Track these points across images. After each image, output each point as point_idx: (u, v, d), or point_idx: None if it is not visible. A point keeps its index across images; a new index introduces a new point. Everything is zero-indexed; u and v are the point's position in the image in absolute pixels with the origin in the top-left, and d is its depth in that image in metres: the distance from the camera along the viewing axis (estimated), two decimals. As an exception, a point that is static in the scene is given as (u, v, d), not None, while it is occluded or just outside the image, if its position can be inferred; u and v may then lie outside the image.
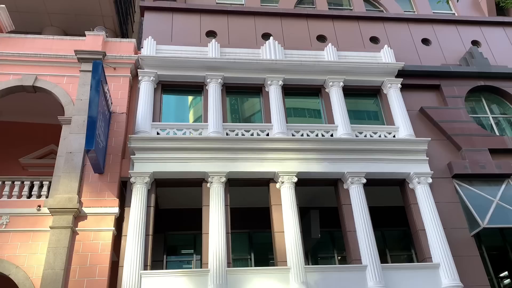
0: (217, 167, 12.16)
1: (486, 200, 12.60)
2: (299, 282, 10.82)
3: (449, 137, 13.82)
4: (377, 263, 11.29)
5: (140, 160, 12.03)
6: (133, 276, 10.41)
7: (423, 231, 12.08)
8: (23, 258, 10.41)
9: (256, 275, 11.08)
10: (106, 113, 12.09)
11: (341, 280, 10.85)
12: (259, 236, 14.62)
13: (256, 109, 14.42)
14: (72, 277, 10.31)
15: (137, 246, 10.78)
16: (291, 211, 11.83)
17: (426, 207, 12.23)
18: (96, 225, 11.00)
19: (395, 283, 11.16)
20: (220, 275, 10.69)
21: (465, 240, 12.12)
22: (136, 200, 11.43)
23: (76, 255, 10.59)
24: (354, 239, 11.81)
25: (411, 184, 12.84)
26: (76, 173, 11.51)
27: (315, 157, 12.67)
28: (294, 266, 11.06)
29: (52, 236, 10.58)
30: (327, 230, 14.59)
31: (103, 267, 10.52)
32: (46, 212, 10.88)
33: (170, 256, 14.45)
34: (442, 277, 11.32)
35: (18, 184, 11.55)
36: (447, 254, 11.53)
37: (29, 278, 10.18)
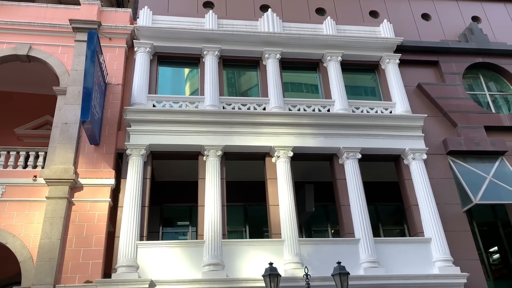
0: (213, 141, 12.17)
1: (479, 177, 12.73)
2: (292, 254, 11.00)
3: (445, 114, 13.85)
4: (370, 237, 11.47)
5: (136, 132, 12.00)
6: (129, 246, 10.55)
7: (416, 206, 12.24)
8: (19, 227, 10.49)
9: (250, 246, 11.25)
10: (101, 84, 11.97)
11: (334, 253, 11.02)
12: (254, 209, 14.76)
13: (253, 83, 14.33)
14: (69, 246, 10.44)
15: (133, 217, 10.88)
16: (286, 185, 11.92)
17: (420, 183, 12.36)
18: (92, 196, 11.06)
19: (387, 257, 11.37)
20: (215, 246, 10.84)
21: (457, 215, 12.31)
22: (132, 172, 11.46)
23: (73, 225, 10.68)
24: (347, 213, 11.97)
25: (406, 160, 12.92)
26: (71, 144, 11.48)
27: (311, 132, 12.68)
28: (288, 238, 11.22)
29: (48, 206, 10.65)
30: (321, 204, 14.74)
31: (100, 237, 10.64)
32: (42, 183, 10.91)
33: (166, 227, 14.60)
34: (433, 251, 11.55)
35: (13, 154, 11.53)
36: (439, 229, 11.72)
37: (26, 247, 10.28)
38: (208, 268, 10.56)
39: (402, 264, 11.27)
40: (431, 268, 11.31)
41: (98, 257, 10.41)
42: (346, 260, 10.44)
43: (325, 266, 10.51)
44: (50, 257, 10.09)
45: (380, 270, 10.99)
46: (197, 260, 10.77)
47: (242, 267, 10.84)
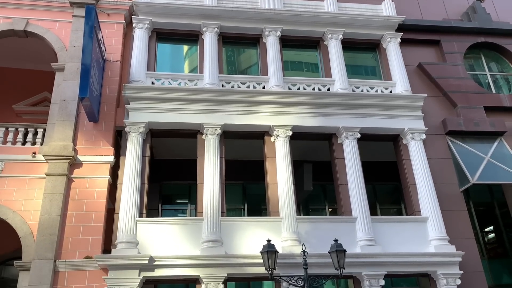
0: (212, 119, 12.14)
1: (478, 157, 12.78)
2: (290, 232, 11.12)
3: (445, 94, 13.80)
4: (367, 216, 11.58)
5: (135, 109, 11.95)
6: (129, 223, 10.64)
7: (414, 186, 12.32)
8: (19, 203, 10.56)
9: (249, 224, 11.36)
10: (100, 61, 11.87)
11: (331, 231, 11.14)
12: (252, 187, 14.86)
13: (252, 62, 14.20)
14: (69, 222, 10.53)
15: (133, 194, 10.95)
16: (284, 164, 11.96)
17: (418, 163, 12.41)
18: (91, 173, 11.10)
19: (383, 235, 11.50)
20: (214, 223, 10.95)
21: (454, 195, 12.40)
22: (131, 149, 11.47)
23: (72, 201, 10.75)
24: (345, 192, 12.05)
25: (404, 140, 12.94)
26: (70, 121, 11.46)
27: (311, 111, 12.65)
28: (286, 216, 11.33)
29: (48, 183, 10.69)
30: (319, 183, 14.83)
31: (99, 213, 10.73)
32: (41, 159, 10.93)
33: (165, 205, 14.72)
34: (430, 230, 11.68)
35: (12, 130, 11.51)
36: (436, 209, 11.83)
37: (26, 222, 10.37)
38: (207, 245, 10.69)
39: (399, 243, 11.41)
40: (427, 247, 11.46)
41: (97, 233, 10.52)
42: (343, 238, 10.56)
43: (322, 243, 10.65)
44: (50, 233, 10.19)
45: (376, 248, 11.14)
46: (196, 237, 10.89)
47: (241, 244, 10.97)
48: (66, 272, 10.03)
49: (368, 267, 10.90)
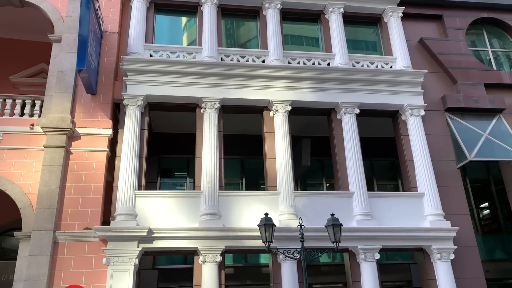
0: (211, 93, 12.06)
1: (476, 134, 12.80)
2: (287, 206, 11.23)
3: (445, 70, 13.70)
4: (364, 191, 11.68)
5: (133, 82, 11.86)
6: (128, 195, 10.71)
7: (411, 162, 12.38)
8: (18, 175, 10.59)
9: (247, 198, 11.46)
10: (97, 32, 11.70)
11: (328, 205, 11.25)
12: (251, 162, 14.92)
13: (252, 35, 14.01)
14: (68, 194, 10.60)
15: (131, 167, 10.98)
16: (283, 139, 11.96)
17: (417, 139, 12.43)
18: (89, 146, 11.10)
19: (380, 210, 11.62)
20: (212, 197, 11.03)
21: (451, 171, 12.48)
22: (130, 122, 11.44)
23: (71, 173, 10.79)
24: (343, 168, 12.10)
25: (403, 116, 12.92)
26: (68, 93, 11.38)
27: (310, 86, 12.57)
28: (283, 190, 11.41)
29: (46, 155, 10.70)
30: (317, 158, 14.89)
31: (98, 185, 10.78)
32: (39, 131, 10.90)
33: (163, 178, 14.80)
34: (426, 205, 11.80)
35: (9, 102, 11.44)
36: (432, 185, 11.92)
37: (25, 194, 10.43)
38: (205, 218, 10.80)
39: (395, 217, 11.55)
40: (422, 222, 11.61)
41: (96, 205, 10.60)
42: (339, 212, 10.67)
43: (319, 218, 10.77)
44: (50, 204, 10.26)
45: (372, 223, 11.28)
46: (194, 210, 10.98)
47: (238, 217, 11.09)
48: (66, 242, 10.16)
49: (363, 241, 11.06)
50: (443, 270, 11.10)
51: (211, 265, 10.42)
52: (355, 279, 11.09)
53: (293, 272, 10.61)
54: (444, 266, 11.13)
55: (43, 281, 9.62)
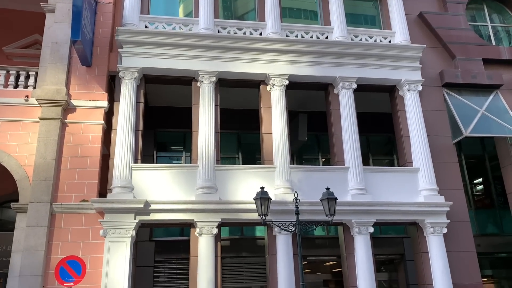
0: (208, 66, 11.94)
1: (472, 110, 12.81)
2: (283, 180, 11.30)
3: (444, 45, 13.59)
4: (359, 166, 11.74)
5: (128, 54, 11.70)
6: (124, 168, 10.73)
7: (407, 137, 12.42)
8: (14, 147, 10.56)
9: (243, 172, 11.51)
10: (91, 2, 11.46)
11: (323, 180, 11.32)
12: (247, 137, 14.91)
13: (250, 7, 13.77)
14: (64, 167, 10.60)
15: (127, 140, 10.96)
16: (280, 113, 11.93)
17: (413, 114, 12.44)
18: (85, 118, 11.04)
19: (375, 185, 11.72)
20: (209, 170, 11.07)
21: (446, 147, 12.54)
22: (125, 95, 11.35)
23: (67, 146, 10.77)
24: (339, 142, 12.13)
25: (401, 91, 12.88)
26: (63, 64, 11.24)
27: (308, 60, 12.45)
28: (279, 165, 11.46)
29: (41, 127, 10.65)
30: (313, 133, 14.89)
31: (94, 158, 10.79)
32: (34, 103, 10.82)
33: (160, 152, 14.79)
34: (420, 180, 11.90)
35: (3, 73, 11.29)
36: (428, 160, 11.99)
37: (22, 166, 10.43)
38: (202, 191, 10.87)
39: (389, 192, 11.66)
40: (416, 197, 11.73)
41: (93, 178, 10.63)
42: (335, 187, 10.74)
43: (314, 192, 10.83)
44: (46, 176, 10.28)
45: (367, 197, 11.39)
46: (191, 184, 11.04)
47: (235, 191, 11.16)
48: (63, 214, 10.23)
49: (358, 215, 11.20)
50: (436, 243, 11.29)
51: (207, 237, 10.55)
52: (348, 252, 11.28)
53: (288, 245, 10.77)
54: (436, 240, 11.32)
55: (40, 252, 9.73)
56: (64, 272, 8.36)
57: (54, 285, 9.36)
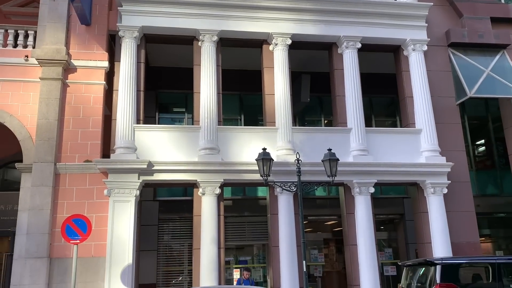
0: (209, 25, 11.70)
1: (478, 70, 12.62)
2: (285, 141, 11.32)
3: (452, 3, 13.23)
4: (362, 127, 11.71)
5: (128, 12, 11.45)
6: (127, 129, 10.75)
7: (411, 98, 12.32)
8: (15, 107, 10.55)
9: (245, 133, 11.52)
10: (89, -42, 11.12)
11: (326, 141, 11.33)
12: (249, 98, 14.82)
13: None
14: (66, 127, 10.63)
15: (129, 101, 10.91)
16: (282, 74, 11.79)
17: (417, 75, 12.28)
18: (86, 78, 10.96)
19: (377, 146, 11.73)
20: (211, 131, 11.08)
21: (450, 108, 12.47)
22: (126, 54, 11.20)
23: (69, 106, 10.76)
24: (342, 104, 12.06)
25: (405, 51, 12.66)
26: (62, 23, 11.04)
27: (312, 19, 12.18)
28: (282, 126, 11.44)
29: (43, 87, 10.60)
30: (316, 95, 14.76)
31: (96, 119, 10.79)
32: (34, 63, 10.71)
33: (162, 113, 14.77)
34: (422, 141, 11.91)
35: (1, 32, 11.11)
36: (430, 121, 11.95)
37: (24, 126, 10.46)
38: (204, 152, 10.92)
39: (391, 153, 11.69)
40: (418, 157, 11.77)
41: (96, 138, 10.68)
42: (337, 148, 10.75)
43: (316, 153, 10.85)
44: (49, 137, 10.33)
45: (368, 158, 11.44)
46: (193, 145, 11.08)
47: (237, 152, 11.22)
48: (67, 174, 10.35)
49: (359, 176, 11.29)
50: (436, 203, 11.43)
51: (210, 197, 10.70)
52: (349, 211, 11.45)
53: (289, 204, 10.93)
54: (436, 200, 11.45)
55: (46, 211, 9.92)
56: (70, 230, 8.53)
57: (61, 242, 9.62)
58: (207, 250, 10.34)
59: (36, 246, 9.69)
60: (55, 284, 9.68)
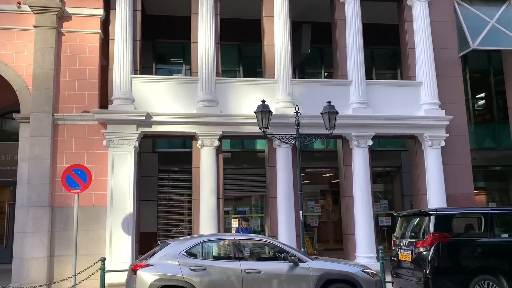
0: (206, -30, 11.27)
1: (482, 21, 12.31)
2: (285, 94, 11.23)
3: None
4: (362, 79, 11.58)
5: (123, -43, 10.98)
6: (124, 79, 10.61)
7: (413, 50, 12.11)
8: (10, 56, 10.35)
9: (244, 85, 11.40)
10: None
11: (325, 93, 11.24)
12: (248, 49, 14.56)
13: None
14: (63, 77, 10.49)
15: (126, 50, 10.69)
16: (283, 23, 11.49)
17: (420, 26, 11.99)
18: (81, 27, 10.70)
19: (377, 98, 11.66)
20: (209, 83, 10.95)
21: (451, 60, 12.29)
22: (121, 1, 10.84)
23: (64, 56, 10.56)
24: (343, 55, 11.86)
25: (409, 1, 12.29)
26: (53, -32, 10.62)
27: (313, -35, 11.74)
28: (281, 78, 11.31)
29: (37, 36, 10.35)
30: (317, 46, 14.49)
31: (93, 69, 10.64)
32: (27, 10, 10.39)
33: (159, 64, 14.54)
34: (422, 94, 11.83)
35: (-9, -23, 10.72)
36: (431, 73, 11.81)
37: (20, 76, 10.31)
38: (202, 104, 10.85)
39: (391, 106, 11.64)
40: (417, 110, 11.74)
41: (93, 89, 10.58)
42: (336, 100, 10.68)
43: (316, 106, 10.80)
44: (46, 87, 10.21)
45: (368, 111, 11.40)
46: (192, 96, 10.99)
47: (236, 104, 11.15)
48: (65, 125, 10.34)
49: (357, 128, 11.30)
50: (433, 156, 11.53)
51: (209, 149, 10.75)
52: (346, 163, 11.56)
53: (287, 157, 11.01)
54: (434, 153, 11.54)
55: (46, 161, 9.98)
56: (71, 179, 8.63)
57: (62, 192, 9.74)
58: (207, 200, 10.53)
59: (38, 195, 9.84)
60: (58, 232, 9.93)
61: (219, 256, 7.81)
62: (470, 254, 7.19)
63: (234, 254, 6.74)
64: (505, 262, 7.16)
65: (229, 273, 6.41)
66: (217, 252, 7.95)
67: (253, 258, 7.26)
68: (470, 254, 7.19)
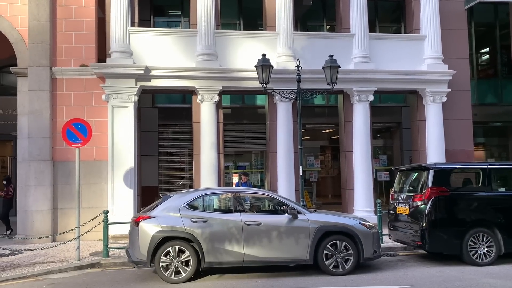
0: None
1: (492, -29, 11.92)
2: (286, 47, 11.02)
3: None
4: (365, 33, 11.34)
5: None
6: (121, 32, 10.37)
7: (417, 2, 11.84)
8: (4, 7, 10.08)
9: (244, 38, 11.18)
10: None
11: (327, 47, 11.03)
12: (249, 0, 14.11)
13: None
14: (59, 30, 10.28)
15: (123, 1, 10.37)
16: (284, -27, 11.10)
17: (427, -24, 11.60)
18: (76, -24, 10.37)
19: (379, 52, 11.46)
20: (209, 36, 10.72)
21: (457, 13, 11.98)
22: (117, -50, 10.43)
23: (60, 7, 10.29)
24: (346, 7, 11.56)
25: (417, -50, 11.84)
26: None
27: None
28: (282, 31, 11.06)
29: (30, -14, 10.04)
30: (319, -3, 14.07)
31: (90, 21, 10.40)
32: (18, -42, 10.03)
33: (157, 17, 14.15)
34: (426, 49, 11.62)
35: None
36: (436, 27, 11.54)
37: (15, 28, 10.09)
38: (202, 58, 10.68)
39: (393, 60, 11.47)
40: (420, 65, 11.57)
41: (90, 42, 10.39)
42: (338, 54, 10.49)
43: (317, 60, 10.64)
44: (42, 40, 10.02)
45: (370, 65, 11.23)
46: (191, 50, 10.80)
47: (236, 58, 10.98)
48: (64, 79, 10.23)
49: (359, 83, 11.18)
50: (434, 111, 11.48)
51: (209, 104, 10.69)
52: (347, 119, 11.54)
53: (288, 112, 10.97)
54: (435, 108, 11.49)
55: (46, 115, 9.96)
56: (71, 133, 8.59)
57: (63, 146, 9.78)
58: (207, 155, 10.58)
59: (39, 149, 9.89)
60: (60, 186, 10.07)
61: (219, 208, 7.95)
62: (467, 208, 7.30)
63: (234, 207, 6.84)
64: (501, 215, 7.28)
65: (230, 225, 6.53)
66: (218, 205, 8.09)
67: (253, 211, 7.38)
68: (466, 208, 7.30)
